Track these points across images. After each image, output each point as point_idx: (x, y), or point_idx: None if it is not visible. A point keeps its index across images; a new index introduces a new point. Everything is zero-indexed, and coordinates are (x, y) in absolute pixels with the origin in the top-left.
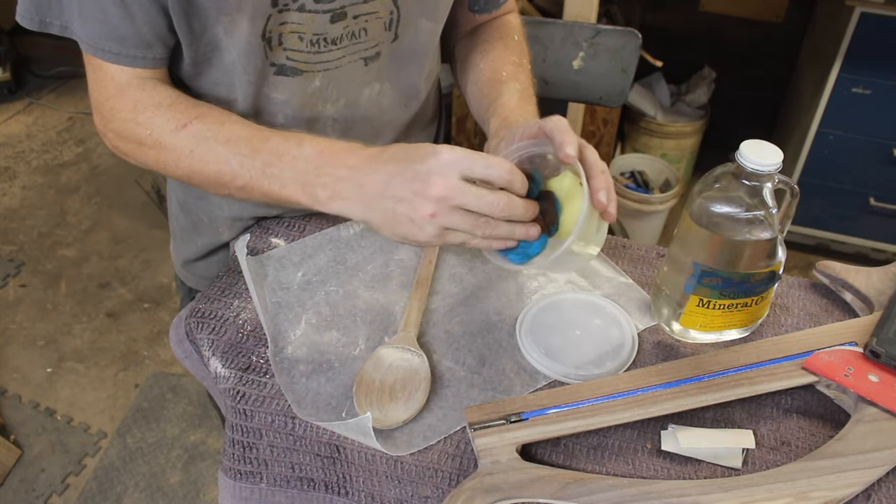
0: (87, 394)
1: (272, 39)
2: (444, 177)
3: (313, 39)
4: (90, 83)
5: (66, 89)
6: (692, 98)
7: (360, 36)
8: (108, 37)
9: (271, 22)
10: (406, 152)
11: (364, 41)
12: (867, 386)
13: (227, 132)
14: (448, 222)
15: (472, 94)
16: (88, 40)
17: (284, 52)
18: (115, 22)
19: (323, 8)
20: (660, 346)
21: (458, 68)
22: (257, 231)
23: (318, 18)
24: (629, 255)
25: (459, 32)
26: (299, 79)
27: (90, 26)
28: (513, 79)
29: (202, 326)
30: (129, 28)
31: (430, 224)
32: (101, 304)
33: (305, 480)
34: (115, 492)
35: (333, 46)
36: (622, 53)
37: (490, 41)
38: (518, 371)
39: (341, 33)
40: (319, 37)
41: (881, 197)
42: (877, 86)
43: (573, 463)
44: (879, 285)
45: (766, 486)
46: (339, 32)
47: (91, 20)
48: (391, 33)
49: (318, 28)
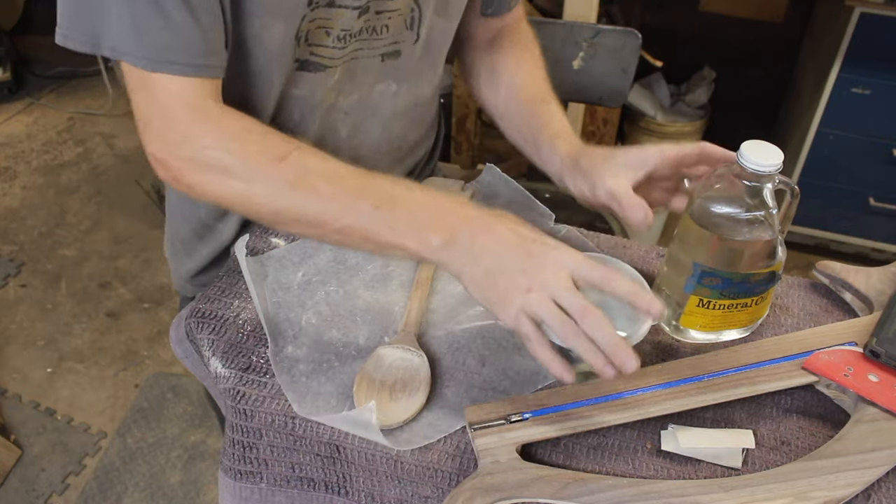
0: (87, 394)
1: (301, 38)
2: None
3: (340, 35)
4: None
5: (67, 89)
6: (692, 98)
7: (382, 32)
8: (171, 47)
9: (305, 21)
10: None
11: (383, 37)
12: (867, 386)
13: (331, 168)
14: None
15: (510, 111)
16: (147, 55)
17: (309, 47)
18: (180, 28)
19: (353, 4)
20: (660, 346)
21: (482, 81)
22: (257, 231)
23: (347, 14)
24: (629, 255)
25: (476, 43)
26: (321, 74)
27: (148, 37)
28: (553, 97)
29: (202, 326)
30: (195, 33)
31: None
32: (101, 304)
33: (305, 480)
34: (115, 492)
35: (353, 40)
36: (622, 53)
37: (518, 55)
38: (518, 371)
39: (361, 27)
40: (346, 32)
41: (881, 197)
42: (877, 86)
43: (573, 463)
44: (879, 285)
45: (766, 486)
46: (360, 26)
47: (149, 31)
48: (413, 33)
49: (346, 24)
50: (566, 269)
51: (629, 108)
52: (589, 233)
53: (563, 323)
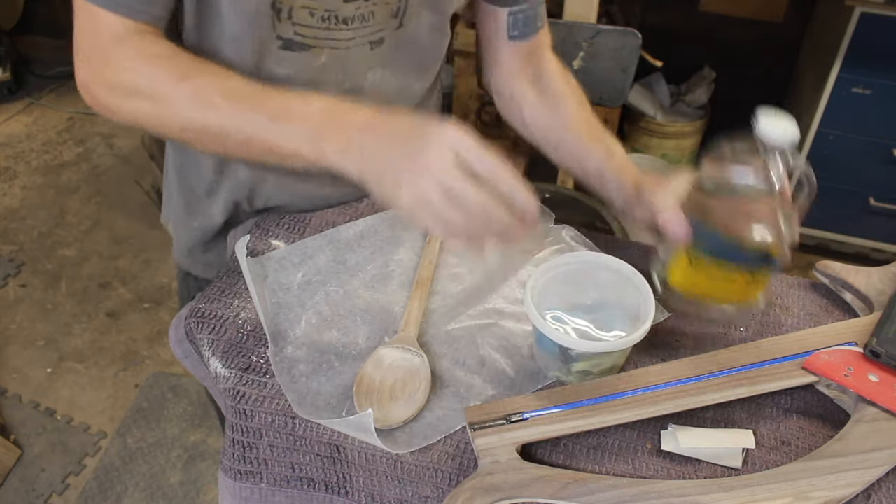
0: (87, 394)
1: (281, 11)
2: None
3: (324, 15)
4: (79, 31)
5: (66, 89)
6: (692, 98)
7: (369, 19)
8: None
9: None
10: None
11: (371, 24)
12: (867, 386)
13: (231, 86)
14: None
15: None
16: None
17: (293, 25)
18: None
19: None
20: (660, 345)
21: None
22: (257, 233)
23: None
24: (629, 255)
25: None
26: (305, 54)
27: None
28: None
29: (202, 326)
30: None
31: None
32: (101, 304)
33: (305, 480)
34: (115, 492)
35: (344, 26)
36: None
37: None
38: (518, 371)
39: (353, 14)
40: (331, 13)
41: (881, 197)
42: (877, 86)
43: (573, 463)
44: (879, 285)
45: (766, 486)
46: (351, 13)
47: None
48: (396, 20)
49: (330, 5)
50: (451, 151)
51: (629, 108)
52: (589, 233)
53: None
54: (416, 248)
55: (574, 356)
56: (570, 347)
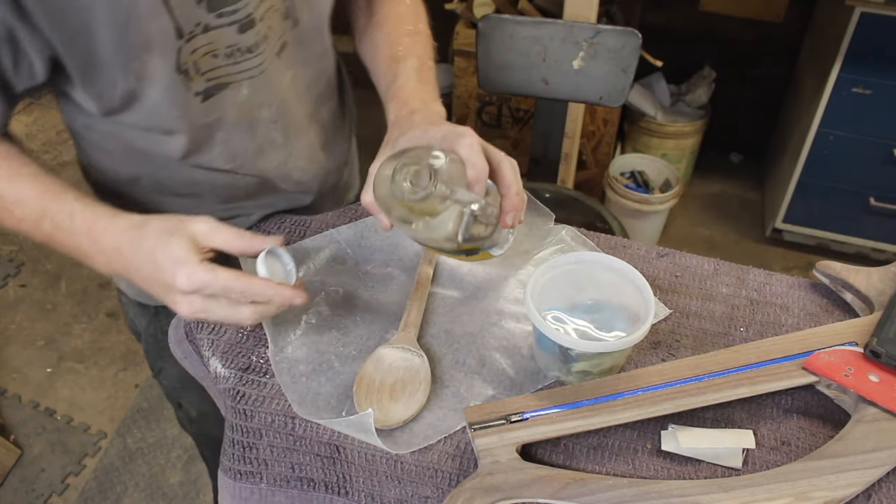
0: (87, 394)
1: (189, 71)
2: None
3: (227, 52)
4: None
5: None
6: (692, 98)
7: (269, 35)
8: None
9: (183, 54)
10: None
11: (271, 38)
12: (867, 386)
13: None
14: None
15: (373, 73)
16: None
17: (203, 76)
18: None
19: (226, 21)
20: (660, 345)
21: (357, 41)
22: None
23: (225, 32)
24: (629, 255)
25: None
26: (226, 92)
27: None
28: (410, 54)
29: (202, 326)
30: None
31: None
32: (101, 304)
33: (305, 480)
34: (115, 492)
35: (250, 55)
36: (622, 53)
37: (382, 9)
38: (518, 371)
39: (255, 40)
40: (233, 48)
41: (881, 197)
42: (877, 86)
43: (573, 463)
44: (879, 285)
45: (767, 486)
46: (252, 40)
47: None
48: (290, 21)
49: (229, 41)
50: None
51: (629, 108)
52: (589, 233)
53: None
54: (415, 248)
55: (574, 356)
56: (570, 347)
